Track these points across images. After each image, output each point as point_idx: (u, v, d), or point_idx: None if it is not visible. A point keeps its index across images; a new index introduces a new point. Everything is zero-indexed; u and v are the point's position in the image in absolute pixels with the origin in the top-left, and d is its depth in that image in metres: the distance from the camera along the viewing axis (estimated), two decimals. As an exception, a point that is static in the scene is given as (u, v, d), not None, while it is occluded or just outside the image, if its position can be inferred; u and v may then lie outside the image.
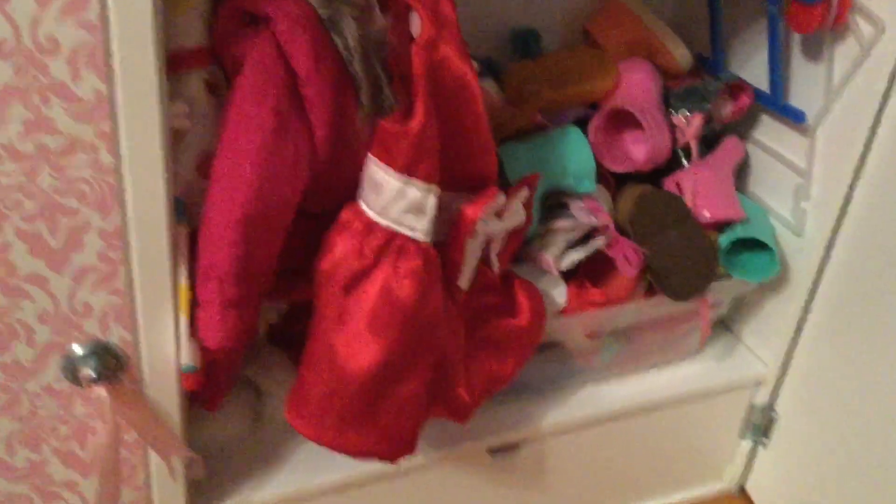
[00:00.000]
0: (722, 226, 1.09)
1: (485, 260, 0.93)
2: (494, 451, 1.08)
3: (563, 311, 1.04)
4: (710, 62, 1.21)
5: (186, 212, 0.77)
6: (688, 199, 1.06)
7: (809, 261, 1.12)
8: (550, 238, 1.01)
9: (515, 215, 0.93)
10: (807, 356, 1.18)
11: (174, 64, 0.73)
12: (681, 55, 1.17)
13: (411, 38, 0.76)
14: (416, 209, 0.79)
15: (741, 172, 1.20)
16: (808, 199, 1.10)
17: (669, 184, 1.10)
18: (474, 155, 0.85)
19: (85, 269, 0.72)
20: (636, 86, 1.11)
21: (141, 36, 0.64)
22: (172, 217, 0.73)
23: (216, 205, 0.74)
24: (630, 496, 1.26)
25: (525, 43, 1.21)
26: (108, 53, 0.64)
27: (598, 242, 1.02)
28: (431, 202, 0.79)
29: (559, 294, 1.04)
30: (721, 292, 1.13)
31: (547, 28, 1.22)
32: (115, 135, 0.67)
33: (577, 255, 1.01)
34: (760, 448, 1.28)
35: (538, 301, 0.99)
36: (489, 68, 1.15)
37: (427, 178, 0.78)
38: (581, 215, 1.01)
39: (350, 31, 0.76)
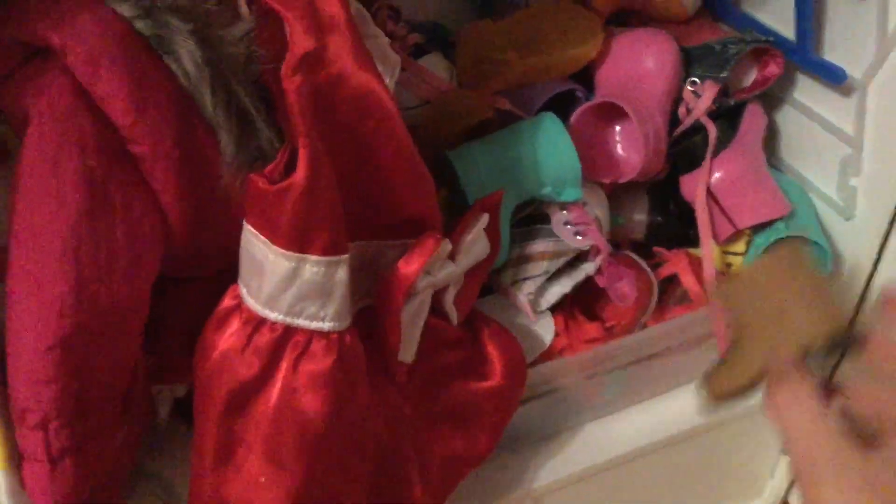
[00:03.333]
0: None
1: (438, 311, 0.71)
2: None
3: (552, 351, 0.82)
4: (718, 4, 0.94)
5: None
6: (719, 203, 0.80)
7: (861, 250, 0.87)
8: (525, 268, 0.78)
9: (473, 250, 0.70)
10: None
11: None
12: (685, -7, 0.90)
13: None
14: (318, 292, 0.56)
15: (769, 139, 0.94)
16: (858, 173, 0.85)
17: (689, 186, 0.84)
18: (402, 192, 0.61)
19: None
20: (643, 74, 0.83)
21: None
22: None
23: (19, 325, 0.51)
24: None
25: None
26: None
27: (588, 268, 0.78)
28: (340, 277, 0.56)
29: (544, 331, 0.81)
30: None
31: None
32: None
33: (560, 290, 0.77)
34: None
35: (515, 353, 0.76)
36: (435, 37, 0.89)
37: (328, 250, 0.55)
38: (565, 235, 0.77)
39: (189, 54, 0.51)
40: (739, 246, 0.87)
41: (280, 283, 0.55)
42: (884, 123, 0.82)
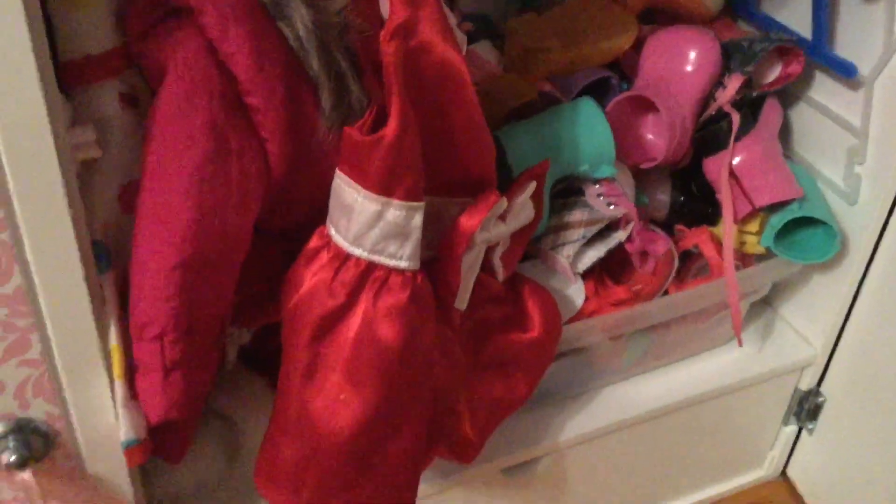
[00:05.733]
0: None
1: (486, 268, 0.79)
2: (509, 470, 0.95)
3: (582, 314, 0.90)
4: (739, 3, 1.03)
5: (113, 257, 0.63)
6: (739, 183, 0.89)
7: (864, 233, 0.96)
8: (564, 234, 0.86)
9: (521, 214, 0.78)
10: (858, 337, 1.03)
11: (77, 76, 0.58)
12: (709, -6, 0.99)
13: (382, 21, 0.60)
14: (398, 233, 0.64)
15: (781, 130, 1.03)
16: (862, 162, 0.93)
17: (712, 166, 0.93)
18: (468, 154, 0.69)
19: (-17, 342, 0.58)
20: (684, 69, 0.91)
21: (13, 45, 0.49)
22: (91, 268, 0.59)
23: (146, 249, 0.60)
24: (663, 496, 1.14)
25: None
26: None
27: (620, 236, 0.86)
28: (416, 223, 0.64)
29: (576, 294, 0.89)
30: (761, 276, 0.98)
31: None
32: (-3, 178, 0.52)
33: (595, 254, 0.85)
34: (805, 433, 1.15)
35: (552, 309, 0.84)
36: (484, 26, 0.97)
37: (409, 196, 0.63)
38: (599, 205, 0.86)
39: (301, 18, 0.59)
40: (754, 226, 0.95)
41: (367, 222, 0.63)
42: (888, 116, 0.90)
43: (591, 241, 0.86)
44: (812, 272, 1.04)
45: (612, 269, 0.92)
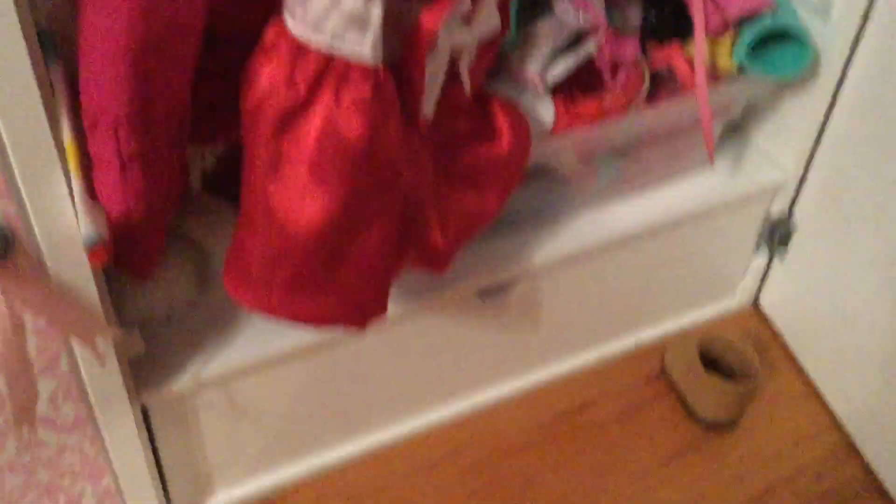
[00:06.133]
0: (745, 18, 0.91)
1: (453, 78, 0.77)
2: (484, 293, 0.96)
3: (552, 131, 0.89)
4: None
5: (60, 46, 0.60)
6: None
7: (837, 50, 0.95)
8: (532, 47, 0.84)
9: (487, 20, 0.75)
10: (829, 160, 1.03)
11: None
12: None
13: None
14: (358, 21, 0.62)
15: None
16: (836, -28, 0.92)
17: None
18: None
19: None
20: None
21: None
22: (38, 57, 0.56)
23: (93, 33, 0.57)
24: (638, 323, 1.16)
25: None
26: None
27: (590, 47, 0.84)
28: (376, 11, 0.62)
29: (545, 110, 0.88)
30: (734, 91, 0.97)
31: None
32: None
33: (564, 66, 0.84)
34: (776, 262, 1.16)
35: (521, 121, 0.83)
36: None
37: (368, -17, 0.61)
38: (566, 15, 0.83)
39: None
40: (726, 43, 0.94)
41: (324, 7, 0.60)
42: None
43: (560, 55, 0.85)
44: (783, 93, 1.03)
45: (582, 86, 0.90)
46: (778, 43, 0.94)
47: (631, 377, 1.14)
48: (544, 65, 0.84)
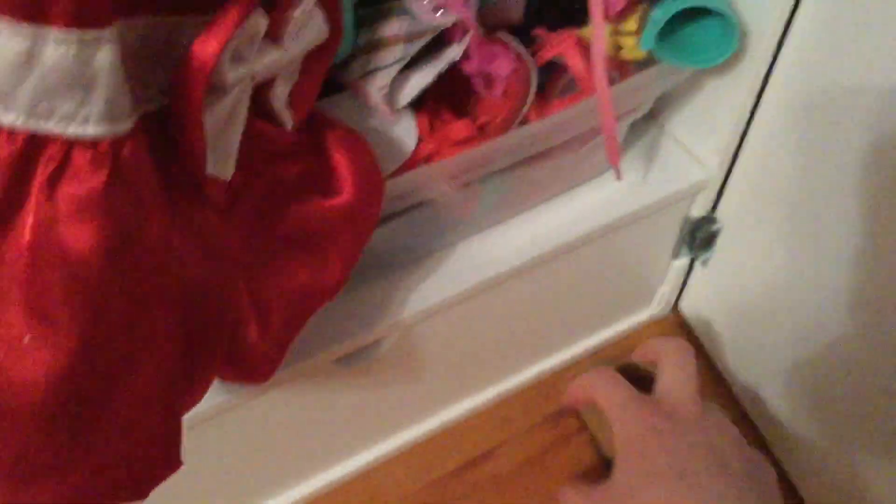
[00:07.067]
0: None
1: (265, 114, 0.56)
2: (346, 359, 0.76)
3: (416, 159, 0.68)
4: None
5: None
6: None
7: (765, 32, 0.75)
8: (377, 56, 0.62)
9: (306, 31, 0.54)
10: (757, 154, 0.85)
11: None
12: None
13: None
14: (72, 84, 0.40)
15: None
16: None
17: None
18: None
19: None
20: None
21: None
22: None
23: None
24: (542, 352, 0.98)
25: None
26: None
27: (453, 52, 0.63)
28: (102, 63, 0.40)
29: (405, 135, 0.67)
30: (642, 88, 0.77)
31: None
32: None
33: (421, 80, 0.62)
34: (697, 265, 1.00)
35: (367, 161, 0.62)
36: None
37: (77, 19, 0.39)
38: (423, 11, 0.62)
39: None
40: (631, 23, 0.73)
41: (12, 71, 0.39)
42: None
43: (415, 63, 0.63)
44: (704, 79, 0.84)
45: (451, 98, 0.69)
46: (696, 23, 0.74)
47: (537, 415, 0.97)
48: (393, 80, 0.62)
